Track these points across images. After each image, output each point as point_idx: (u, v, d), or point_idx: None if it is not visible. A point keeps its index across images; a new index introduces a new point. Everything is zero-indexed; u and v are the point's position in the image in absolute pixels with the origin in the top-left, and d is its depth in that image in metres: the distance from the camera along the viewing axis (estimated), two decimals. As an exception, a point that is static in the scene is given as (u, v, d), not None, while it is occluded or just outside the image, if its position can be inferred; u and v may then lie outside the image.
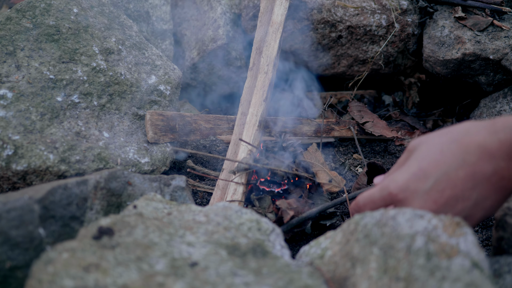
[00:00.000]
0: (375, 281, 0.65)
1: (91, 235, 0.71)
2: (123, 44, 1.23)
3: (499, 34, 1.36)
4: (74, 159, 1.04)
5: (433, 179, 0.74)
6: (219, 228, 0.78)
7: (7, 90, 1.05)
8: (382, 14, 1.47)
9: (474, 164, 0.72)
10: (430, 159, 0.75)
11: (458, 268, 0.61)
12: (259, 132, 1.20)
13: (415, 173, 0.75)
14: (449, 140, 0.75)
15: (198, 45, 1.51)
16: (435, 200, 0.73)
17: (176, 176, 0.97)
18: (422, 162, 0.75)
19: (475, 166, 0.72)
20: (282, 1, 1.35)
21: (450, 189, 0.73)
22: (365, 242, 0.70)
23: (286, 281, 0.67)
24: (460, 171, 0.72)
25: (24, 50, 1.11)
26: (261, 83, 1.25)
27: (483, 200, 0.73)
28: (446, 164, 0.73)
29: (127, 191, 0.90)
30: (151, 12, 1.48)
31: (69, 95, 1.11)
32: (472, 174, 0.72)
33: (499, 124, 0.71)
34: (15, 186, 1.00)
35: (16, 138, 1.00)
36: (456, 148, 0.73)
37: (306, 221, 1.08)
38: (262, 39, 1.33)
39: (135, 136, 1.17)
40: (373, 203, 0.79)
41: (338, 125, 1.42)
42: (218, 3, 1.52)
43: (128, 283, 0.62)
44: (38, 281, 0.61)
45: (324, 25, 1.47)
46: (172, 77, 1.27)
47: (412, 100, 1.57)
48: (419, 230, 0.67)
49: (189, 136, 1.23)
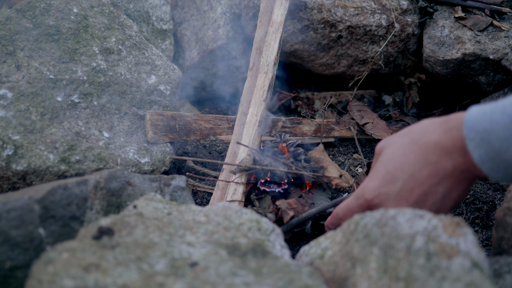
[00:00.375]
0: (375, 281, 0.65)
1: (91, 235, 0.71)
2: (123, 44, 1.23)
3: (499, 34, 1.36)
4: (74, 159, 1.04)
5: (401, 181, 0.79)
6: (219, 228, 0.78)
7: (7, 90, 1.05)
8: (382, 14, 1.47)
9: (436, 163, 0.77)
10: (395, 162, 0.81)
11: (458, 268, 0.61)
12: (259, 132, 1.20)
13: (383, 177, 0.81)
14: (410, 142, 0.80)
15: (198, 45, 1.51)
16: (406, 199, 0.79)
17: (176, 176, 0.97)
18: (388, 166, 0.81)
19: (436, 164, 0.77)
20: (282, 1, 1.35)
21: (418, 187, 0.79)
22: (365, 242, 0.70)
23: (286, 281, 0.67)
24: (424, 171, 0.78)
25: (24, 50, 1.11)
26: (261, 83, 1.25)
27: (449, 192, 0.79)
28: (410, 165, 0.79)
29: (127, 191, 0.90)
30: (151, 12, 1.48)
31: (69, 95, 1.11)
32: (435, 171, 0.78)
33: (452, 122, 0.77)
34: (15, 186, 1.00)
35: (16, 138, 1.00)
36: (417, 149, 0.79)
37: (306, 221, 1.08)
38: (262, 39, 1.33)
39: (135, 136, 1.17)
40: (352, 211, 0.85)
41: (338, 125, 1.42)
42: (218, 3, 1.52)
43: (128, 283, 0.62)
44: (38, 281, 0.61)
45: (324, 25, 1.47)
46: (172, 77, 1.27)
47: (412, 100, 1.57)
48: (419, 230, 0.67)
49: (189, 136, 1.23)
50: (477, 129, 0.72)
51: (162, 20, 1.51)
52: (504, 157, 0.71)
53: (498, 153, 0.71)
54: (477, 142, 0.73)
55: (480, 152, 0.72)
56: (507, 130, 0.70)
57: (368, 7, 1.46)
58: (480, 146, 0.72)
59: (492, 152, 0.71)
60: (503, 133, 0.70)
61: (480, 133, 0.72)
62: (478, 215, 1.20)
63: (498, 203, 1.20)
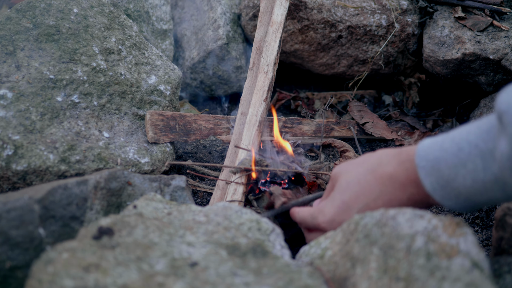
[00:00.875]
0: (375, 281, 0.65)
1: (91, 235, 0.71)
2: (123, 44, 1.23)
3: (499, 34, 1.36)
4: (74, 159, 1.04)
5: (356, 211, 0.82)
6: (219, 228, 0.78)
7: (7, 90, 1.05)
8: (382, 14, 1.47)
9: (390, 194, 0.80)
10: (351, 192, 0.83)
11: (458, 268, 0.61)
12: (259, 132, 1.20)
13: (339, 206, 0.84)
14: (365, 171, 0.83)
15: (198, 45, 1.51)
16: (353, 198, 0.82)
17: (176, 176, 0.97)
18: (344, 195, 0.84)
19: (390, 195, 0.80)
20: (282, 1, 1.35)
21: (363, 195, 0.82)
22: (365, 242, 0.70)
23: (286, 281, 0.67)
24: (378, 201, 0.81)
25: (24, 50, 1.11)
26: (261, 83, 1.25)
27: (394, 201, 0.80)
28: (365, 195, 0.82)
29: (127, 191, 0.90)
30: (151, 12, 1.48)
31: (69, 95, 1.11)
32: (389, 202, 0.80)
33: (404, 155, 0.79)
34: (15, 186, 1.00)
35: (16, 138, 1.00)
36: (372, 179, 0.82)
37: None
38: (262, 39, 1.33)
39: (135, 136, 1.17)
40: (306, 224, 0.92)
41: (338, 125, 1.42)
42: (218, 3, 1.52)
43: (128, 283, 0.62)
44: (38, 281, 0.61)
45: (324, 25, 1.47)
46: (172, 77, 1.27)
47: (412, 100, 1.57)
48: (419, 230, 0.67)
49: (189, 136, 1.23)
50: (428, 158, 0.74)
51: (162, 20, 1.51)
52: (453, 185, 0.72)
53: (448, 181, 0.72)
54: (427, 170, 0.74)
55: (431, 180, 0.74)
56: (455, 157, 0.71)
57: (368, 7, 1.46)
58: (431, 174, 0.73)
59: (442, 180, 0.72)
60: (451, 160, 0.71)
61: (431, 161, 0.73)
62: (478, 215, 1.20)
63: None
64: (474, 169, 0.69)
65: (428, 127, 1.51)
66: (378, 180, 0.81)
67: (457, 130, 0.73)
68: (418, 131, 1.45)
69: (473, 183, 0.70)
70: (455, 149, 0.71)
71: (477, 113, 1.41)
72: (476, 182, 0.70)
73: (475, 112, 1.43)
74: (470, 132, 0.70)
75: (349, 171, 0.85)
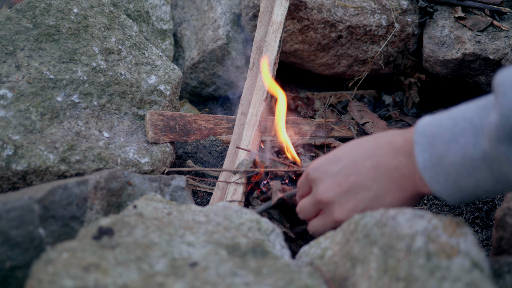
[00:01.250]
0: (375, 281, 0.65)
1: (91, 235, 0.71)
2: (123, 44, 1.23)
3: (499, 34, 1.36)
4: (74, 159, 1.04)
5: (342, 164, 0.81)
6: (219, 228, 0.78)
7: (7, 90, 1.05)
8: (382, 14, 1.47)
9: (380, 157, 0.78)
10: (346, 149, 0.84)
11: (458, 268, 0.61)
12: (259, 132, 1.20)
13: (329, 157, 0.84)
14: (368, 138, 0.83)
15: (198, 45, 1.51)
16: (339, 183, 0.81)
17: (176, 176, 0.97)
18: (338, 150, 0.84)
19: (380, 158, 0.78)
20: (282, 1, 1.35)
21: (354, 175, 0.80)
22: (365, 242, 0.70)
23: (286, 281, 0.67)
24: (367, 161, 0.80)
25: (24, 50, 1.11)
26: (261, 83, 1.25)
27: (383, 195, 0.79)
28: (357, 153, 0.81)
29: (127, 191, 0.90)
30: (151, 12, 1.48)
31: (69, 95, 1.11)
32: (376, 165, 0.79)
33: (407, 129, 0.79)
34: (15, 186, 1.00)
35: (16, 138, 1.00)
36: (371, 143, 0.81)
37: None
38: (262, 39, 1.33)
39: (135, 136, 1.17)
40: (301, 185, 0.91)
41: (338, 125, 1.42)
42: (218, 3, 1.52)
43: (128, 283, 0.62)
44: (38, 281, 0.61)
45: (324, 25, 1.47)
46: (172, 77, 1.27)
47: (412, 100, 1.57)
48: (419, 230, 0.67)
49: (189, 136, 1.23)
50: (426, 134, 0.73)
51: (162, 20, 1.51)
52: (444, 163, 0.70)
53: (439, 157, 0.71)
54: (424, 146, 0.72)
55: (425, 157, 0.72)
56: (449, 133, 0.70)
57: (368, 7, 1.47)
58: (426, 150, 0.72)
59: (435, 157, 0.71)
60: (446, 135, 0.70)
61: (428, 137, 0.72)
62: (478, 215, 1.20)
63: (498, 203, 1.20)
64: (466, 145, 0.68)
65: (428, 127, 1.50)
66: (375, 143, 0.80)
67: (456, 108, 0.72)
68: (418, 131, 1.45)
69: (462, 160, 0.68)
70: (451, 124, 0.70)
71: (477, 113, 1.41)
72: (465, 158, 0.68)
73: (475, 112, 1.43)
74: (468, 109, 0.70)
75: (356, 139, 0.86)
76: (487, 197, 1.22)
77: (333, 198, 0.82)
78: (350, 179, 0.80)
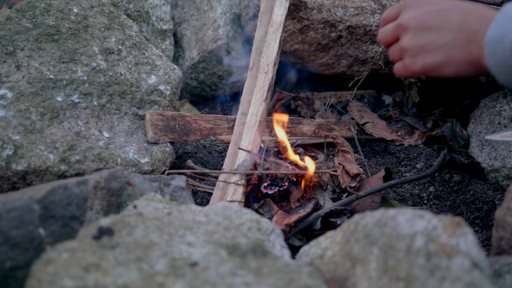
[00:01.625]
0: (375, 281, 0.65)
1: (91, 235, 0.71)
2: (123, 44, 1.23)
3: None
4: (74, 159, 1.04)
5: (437, 7, 0.87)
6: (219, 228, 0.78)
7: (7, 90, 1.05)
8: (382, 14, 1.47)
9: (469, 17, 0.84)
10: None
11: (458, 268, 0.61)
12: (259, 132, 1.20)
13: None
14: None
15: (198, 45, 1.51)
16: (424, 20, 0.88)
17: (176, 176, 0.97)
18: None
19: (469, 19, 0.84)
20: (282, 1, 1.35)
21: (440, 21, 0.86)
22: (365, 242, 0.70)
23: (286, 281, 0.67)
24: (457, 16, 0.85)
25: (24, 50, 1.11)
26: (261, 83, 1.25)
27: (452, 48, 0.86)
28: (454, 6, 0.86)
29: (127, 191, 0.90)
30: (151, 12, 1.48)
31: (69, 95, 1.11)
32: (463, 23, 0.84)
33: None
34: (15, 186, 1.00)
35: (16, 138, 1.00)
36: (470, 3, 0.86)
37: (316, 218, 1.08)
38: (262, 39, 1.33)
39: (135, 136, 1.17)
40: (391, 12, 0.97)
41: (338, 125, 1.42)
42: (218, 3, 1.52)
43: (128, 283, 0.62)
44: (38, 281, 0.61)
45: (324, 25, 1.47)
46: (172, 77, 1.27)
47: (412, 100, 1.57)
48: (419, 230, 0.67)
49: (189, 136, 1.23)
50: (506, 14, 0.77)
51: (162, 20, 1.51)
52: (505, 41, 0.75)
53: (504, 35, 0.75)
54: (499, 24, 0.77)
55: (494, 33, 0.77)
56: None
57: (368, 7, 1.46)
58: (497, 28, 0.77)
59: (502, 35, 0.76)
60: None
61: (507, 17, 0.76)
62: (478, 215, 1.20)
63: (498, 203, 1.20)
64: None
65: (428, 127, 1.51)
66: (473, 5, 0.85)
67: None
68: (418, 131, 1.45)
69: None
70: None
71: (477, 113, 1.41)
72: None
73: (475, 112, 1.43)
74: None
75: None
76: (487, 197, 1.22)
77: (411, 27, 0.89)
78: (435, 22, 0.86)
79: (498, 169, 1.24)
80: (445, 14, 0.86)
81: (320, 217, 1.08)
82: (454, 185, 1.28)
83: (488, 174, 1.26)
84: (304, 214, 1.05)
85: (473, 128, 1.38)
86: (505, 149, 1.25)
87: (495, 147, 1.28)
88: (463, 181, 1.28)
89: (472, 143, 1.34)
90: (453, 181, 1.28)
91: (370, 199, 1.15)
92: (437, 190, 1.27)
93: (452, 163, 1.32)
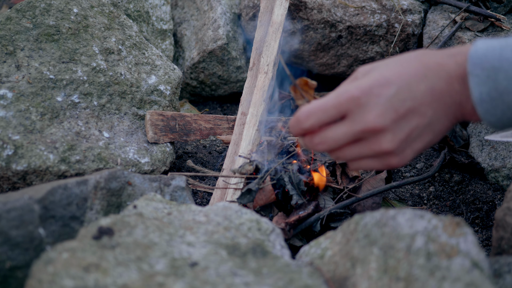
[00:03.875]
0: (375, 281, 0.65)
1: (91, 235, 0.71)
2: (123, 44, 1.23)
3: (499, 34, 1.36)
4: (74, 159, 1.04)
5: (396, 87, 0.71)
6: (219, 228, 0.78)
7: (7, 90, 1.05)
8: (382, 14, 1.47)
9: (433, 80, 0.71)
10: (392, 71, 0.72)
11: (458, 268, 0.61)
12: (259, 132, 1.20)
13: (378, 79, 0.71)
14: (408, 58, 0.73)
15: (198, 45, 1.51)
16: (396, 109, 0.70)
17: (176, 176, 0.96)
18: (384, 72, 0.72)
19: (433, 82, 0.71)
20: (282, 1, 1.35)
21: (410, 100, 0.71)
22: (365, 242, 0.70)
23: (286, 281, 0.67)
24: (421, 85, 0.71)
25: (24, 50, 1.11)
26: (261, 83, 1.25)
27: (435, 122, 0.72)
28: (409, 75, 0.71)
29: (127, 191, 0.90)
30: (151, 12, 1.48)
31: (69, 95, 1.11)
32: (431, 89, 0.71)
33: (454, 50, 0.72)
34: (15, 186, 1.00)
35: (16, 138, 1.00)
36: (417, 63, 0.72)
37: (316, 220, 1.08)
38: (262, 39, 1.33)
39: (135, 136, 1.17)
40: (323, 111, 0.72)
41: (338, 125, 1.42)
42: (218, 3, 1.52)
43: (128, 283, 0.62)
44: (38, 281, 0.61)
45: (324, 25, 1.47)
46: (172, 77, 1.27)
47: (412, 100, 1.57)
48: (419, 230, 0.67)
49: (189, 136, 1.23)
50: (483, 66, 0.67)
51: (162, 20, 1.51)
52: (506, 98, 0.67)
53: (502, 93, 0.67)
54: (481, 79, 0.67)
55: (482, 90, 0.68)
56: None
57: (368, 7, 1.47)
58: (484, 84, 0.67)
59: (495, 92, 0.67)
60: None
61: (487, 70, 0.67)
62: (478, 215, 1.20)
63: (498, 203, 1.20)
64: None
65: (428, 127, 1.50)
66: (423, 64, 0.72)
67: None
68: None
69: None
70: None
71: (477, 113, 1.41)
72: None
73: (475, 112, 1.43)
74: None
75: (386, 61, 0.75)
76: (487, 197, 1.22)
77: (387, 126, 0.71)
78: (406, 104, 0.70)
79: (498, 169, 1.24)
80: (407, 89, 0.71)
81: (320, 219, 1.08)
82: (454, 185, 1.28)
83: (488, 174, 1.26)
84: (305, 214, 1.05)
85: (473, 128, 1.38)
86: (505, 149, 1.25)
87: (495, 147, 1.28)
88: (463, 181, 1.28)
89: (472, 143, 1.34)
90: (453, 181, 1.28)
91: (371, 200, 1.15)
92: (437, 190, 1.27)
93: (452, 163, 1.32)
